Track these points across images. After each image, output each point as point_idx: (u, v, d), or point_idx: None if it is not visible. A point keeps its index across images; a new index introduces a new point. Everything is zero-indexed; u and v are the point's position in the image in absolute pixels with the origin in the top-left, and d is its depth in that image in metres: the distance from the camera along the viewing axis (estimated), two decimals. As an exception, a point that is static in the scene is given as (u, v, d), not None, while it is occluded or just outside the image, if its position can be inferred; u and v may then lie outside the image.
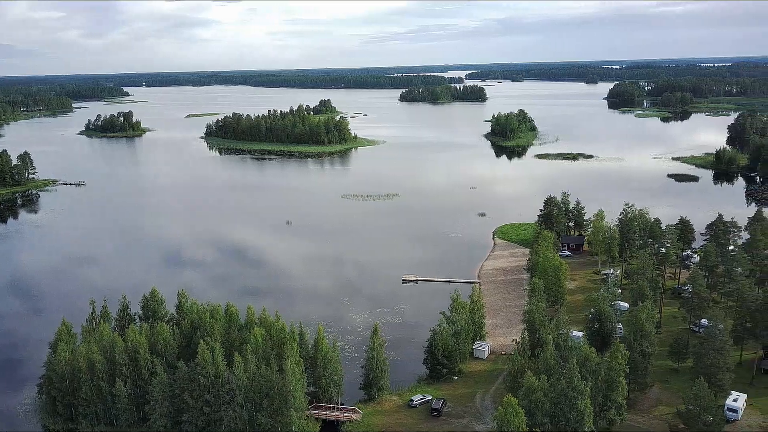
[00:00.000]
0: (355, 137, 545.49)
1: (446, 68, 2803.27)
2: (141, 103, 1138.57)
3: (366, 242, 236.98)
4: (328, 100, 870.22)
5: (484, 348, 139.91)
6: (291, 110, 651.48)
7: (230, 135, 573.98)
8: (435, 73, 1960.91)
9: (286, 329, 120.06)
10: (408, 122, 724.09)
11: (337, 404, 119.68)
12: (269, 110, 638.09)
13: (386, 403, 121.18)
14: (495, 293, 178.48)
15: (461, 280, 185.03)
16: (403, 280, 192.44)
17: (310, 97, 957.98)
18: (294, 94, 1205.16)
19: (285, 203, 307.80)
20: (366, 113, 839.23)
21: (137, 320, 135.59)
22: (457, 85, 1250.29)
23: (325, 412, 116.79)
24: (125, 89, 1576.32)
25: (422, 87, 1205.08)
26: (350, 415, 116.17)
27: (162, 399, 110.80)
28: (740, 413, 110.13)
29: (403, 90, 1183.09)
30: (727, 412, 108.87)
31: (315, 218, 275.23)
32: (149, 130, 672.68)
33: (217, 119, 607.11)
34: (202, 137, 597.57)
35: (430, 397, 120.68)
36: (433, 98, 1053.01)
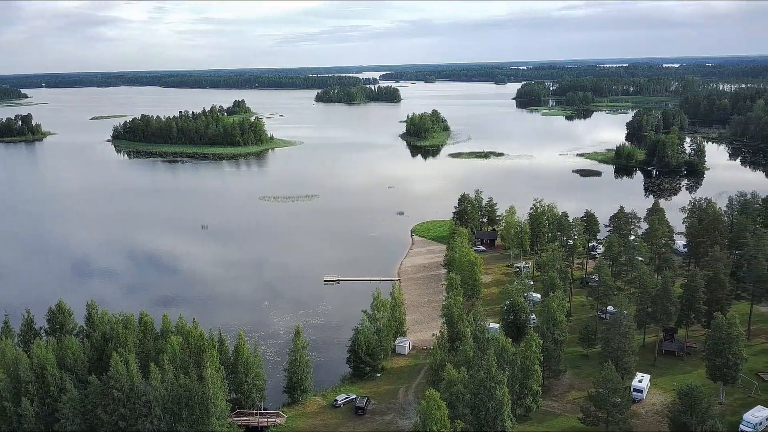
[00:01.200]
0: (272, 138, 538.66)
1: (361, 69, 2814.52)
2: (41, 105, 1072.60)
3: (286, 244, 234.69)
4: (243, 100, 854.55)
5: (405, 344, 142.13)
6: (204, 111, 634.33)
7: (139, 137, 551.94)
8: (350, 74, 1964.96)
9: (204, 336, 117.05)
10: (324, 123, 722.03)
11: (260, 409, 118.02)
12: (180, 111, 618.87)
13: (310, 405, 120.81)
14: (414, 290, 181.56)
15: (382, 278, 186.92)
16: (325, 280, 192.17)
17: (223, 98, 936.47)
18: (206, 95, 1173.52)
19: (200, 207, 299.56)
20: (282, 114, 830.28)
21: (43, 335, 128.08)
22: (372, 86, 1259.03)
23: (248, 419, 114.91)
24: (23, 91, 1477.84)
25: (338, 87, 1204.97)
26: (274, 419, 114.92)
27: (73, 416, 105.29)
28: (645, 393, 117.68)
29: (319, 90, 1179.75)
30: (634, 393, 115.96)
31: (232, 221, 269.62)
32: (51, 134, 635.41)
33: (125, 121, 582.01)
34: (109, 140, 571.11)
35: (354, 396, 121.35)
36: (349, 99, 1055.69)
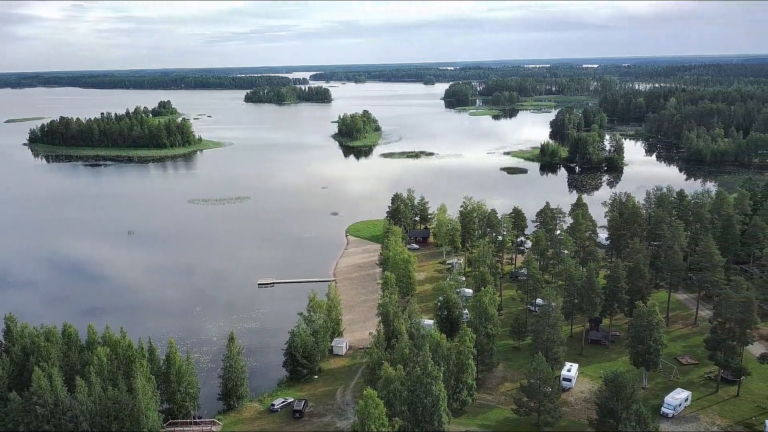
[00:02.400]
0: (200, 139, 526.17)
1: (290, 69, 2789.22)
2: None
3: (218, 248, 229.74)
4: (168, 101, 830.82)
5: (342, 344, 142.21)
6: (127, 112, 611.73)
7: (59, 141, 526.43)
8: (279, 74, 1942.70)
9: (133, 346, 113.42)
10: (255, 123, 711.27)
11: (194, 418, 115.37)
12: (102, 113, 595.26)
13: (247, 411, 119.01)
14: (350, 289, 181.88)
15: (317, 280, 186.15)
16: (259, 284, 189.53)
17: (147, 99, 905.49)
18: (130, 96, 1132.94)
19: (126, 212, 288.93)
20: (210, 115, 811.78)
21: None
22: (303, 86, 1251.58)
23: (182, 429, 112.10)
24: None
25: (267, 88, 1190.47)
26: (209, 427, 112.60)
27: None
28: (574, 381, 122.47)
29: (248, 91, 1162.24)
30: (563, 382, 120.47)
31: (160, 226, 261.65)
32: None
33: (43, 124, 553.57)
34: (25, 144, 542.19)
35: (292, 399, 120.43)
36: (279, 99, 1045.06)
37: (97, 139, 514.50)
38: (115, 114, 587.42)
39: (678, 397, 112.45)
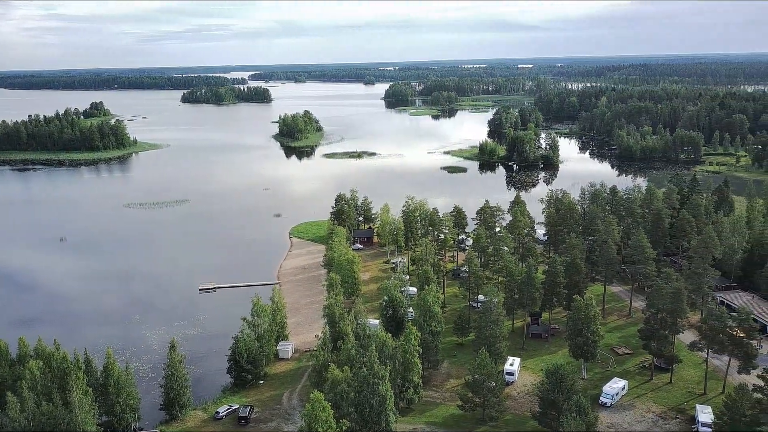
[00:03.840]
0: (135, 141, 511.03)
1: (228, 69, 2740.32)
2: None
3: (156, 253, 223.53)
4: (101, 102, 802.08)
5: (288, 348, 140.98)
6: (57, 114, 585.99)
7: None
8: (217, 74, 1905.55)
9: (68, 358, 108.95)
10: (192, 124, 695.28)
11: (135, 430, 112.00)
12: (30, 115, 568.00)
13: (190, 420, 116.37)
14: (295, 292, 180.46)
15: (261, 283, 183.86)
16: (200, 289, 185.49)
17: (78, 100, 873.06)
18: (59, 97, 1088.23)
19: (57, 218, 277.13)
20: (145, 116, 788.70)
21: None
22: (241, 86, 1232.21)
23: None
24: None
25: (205, 88, 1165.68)
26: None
27: None
28: (516, 375, 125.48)
29: (185, 91, 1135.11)
30: (506, 376, 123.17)
31: (95, 232, 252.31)
32: None
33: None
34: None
35: (237, 406, 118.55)
36: (218, 99, 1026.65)
37: (25, 143, 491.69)
38: (44, 116, 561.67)
39: (615, 386, 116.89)
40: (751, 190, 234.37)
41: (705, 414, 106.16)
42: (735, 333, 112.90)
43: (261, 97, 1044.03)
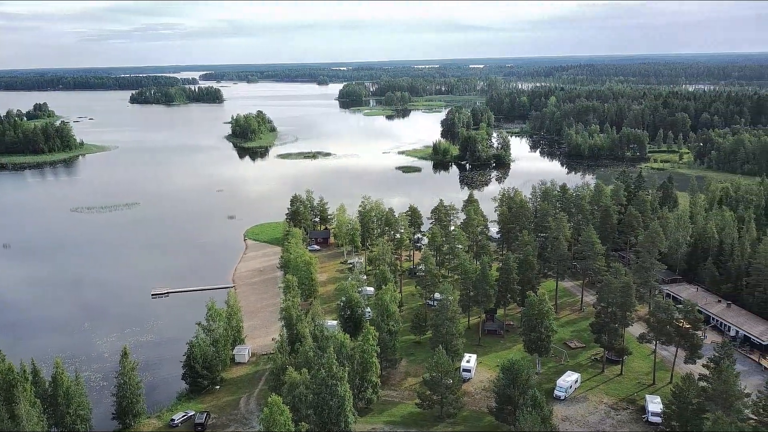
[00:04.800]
0: (82, 143, 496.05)
1: (178, 69, 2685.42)
2: None
3: (106, 258, 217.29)
4: (45, 103, 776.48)
5: (244, 352, 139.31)
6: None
7: None
8: (167, 74, 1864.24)
9: (14, 369, 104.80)
10: (142, 125, 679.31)
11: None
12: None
13: (145, 429, 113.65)
14: (251, 295, 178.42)
15: (215, 287, 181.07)
16: (153, 294, 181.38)
17: (21, 101, 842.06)
18: (0, 98, 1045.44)
19: (0, 224, 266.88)
20: (92, 117, 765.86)
21: None
22: (192, 87, 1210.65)
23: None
24: None
25: (154, 88, 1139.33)
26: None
27: None
28: (473, 372, 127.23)
29: (134, 91, 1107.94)
30: (463, 373, 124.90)
31: (40, 238, 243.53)
32: None
33: None
34: None
35: (193, 413, 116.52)
36: (168, 100, 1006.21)
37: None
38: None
39: (569, 379, 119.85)
40: (693, 186, 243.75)
41: (654, 404, 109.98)
42: (681, 324, 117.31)
43: (212, 97, 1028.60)
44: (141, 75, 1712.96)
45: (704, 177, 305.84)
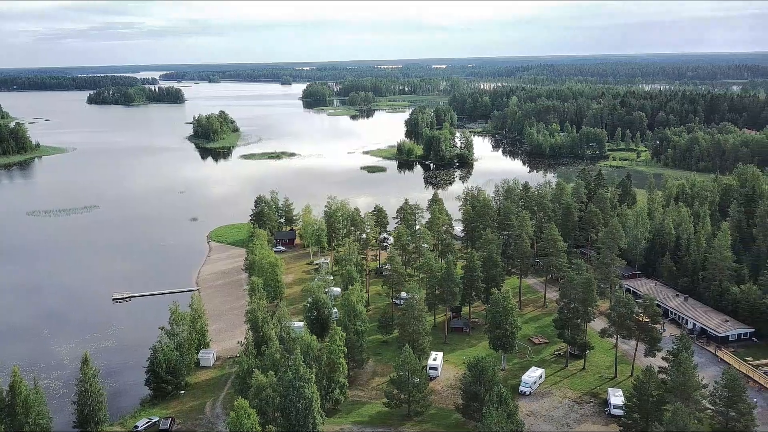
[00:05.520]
0: (38, 145, 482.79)
1: (138, 69, 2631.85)
2: None
3: (65, 263, 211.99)
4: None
5: (209, 355, 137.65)
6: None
7: None
8: (126, 74, 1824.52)
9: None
10: (100, 126, 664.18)
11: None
12: None
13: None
14: (216, 297, 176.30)
15: (179, 290, 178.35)
16: (114, 299, 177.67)
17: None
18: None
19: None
20: (48, 118, 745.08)
21: None
22: (152, 87, 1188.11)
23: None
24: None
25: (113, 88, 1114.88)
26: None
27: None
28: (440, 370, 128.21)
29: (91, 92, 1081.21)
30: (430, 371, 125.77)
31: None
32: None
33: None
34: None
35: (157, 419, 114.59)
36: (127, 100, 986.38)
37: None
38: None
39: (533, 375, 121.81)
40: (651, 184, 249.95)
41: (616, 397, 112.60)
42: (641, 319, 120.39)
43: (173, 97, 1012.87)
44: (99, 75, 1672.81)
45: (661, 174, 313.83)
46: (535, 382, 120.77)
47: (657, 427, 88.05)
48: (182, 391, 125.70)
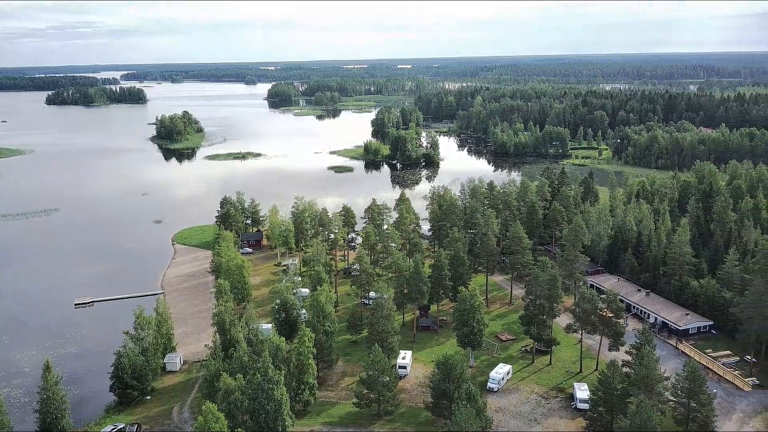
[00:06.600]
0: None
1: (98, 69, 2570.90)
2: None
3: (24, 268, 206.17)
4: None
5: (176, 360, 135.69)
6: None
7: None
8: (86, 74, 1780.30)
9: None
10: (60, 127, 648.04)
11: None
12: None
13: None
14: (182, 301, 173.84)
15: (143, 294, 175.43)
16: (76, 304, 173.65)
17: None
18: None
19: None
20: (5, 119, 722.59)
21: None
22: (113, 87, 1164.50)
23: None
24: None
25: (72, 89, 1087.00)
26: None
27: None
28: (409, 368, 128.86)
29: (50, 92, 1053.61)
30: (399, 370, 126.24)
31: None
32: None
33: None
34: None
35: (123, 425, 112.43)
36: (87, 101, 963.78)
37: None
38: None
39: (501, 371, 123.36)
40: (612, 181, 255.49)
41: (582, 391, 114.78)
42: (604, 314, 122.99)
43: (135, 97, 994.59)
44: (58, 75, 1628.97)
45: (622, 172, 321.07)
46: (503, 379, 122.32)
47: (622, 420, 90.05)
48: (148, 397, 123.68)
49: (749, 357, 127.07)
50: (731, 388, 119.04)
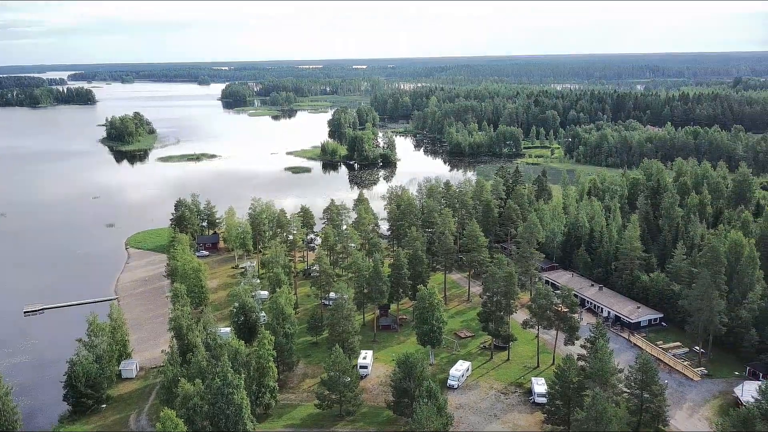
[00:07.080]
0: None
1: (44, 68, 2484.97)
2: None
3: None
4: None
5: (131, 366, 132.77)
6: None
7: None
8: (31, 74, 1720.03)
9: None
10: (4, 130, 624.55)
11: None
12: None
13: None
14: (137, 306, 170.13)
15: (96, 300, 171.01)
16: (25, 312, 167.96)
17: None
18: None
19: None
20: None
21: None
22: (60, 87, 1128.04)
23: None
24: None
25: (17, 90, 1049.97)
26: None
27: None
28: (370, 368, 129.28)
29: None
30: (360, 370, 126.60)
31: None
32: None
33: None
34: None
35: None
36: (32, 102, 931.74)
37: None
38: None
39: (461, 368, 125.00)
40: (565, 179, 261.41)
41: (539, 385, 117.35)
42: (560, 309, 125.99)
43: (84, 98, 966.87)
44: (1, 75, 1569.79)
45: (574, 170, 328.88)
46: (463, 375, 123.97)
47: (578, 413, 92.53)
48: (104, 405, 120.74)
49: (698, 348, 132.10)
50: (682, 379, 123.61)
